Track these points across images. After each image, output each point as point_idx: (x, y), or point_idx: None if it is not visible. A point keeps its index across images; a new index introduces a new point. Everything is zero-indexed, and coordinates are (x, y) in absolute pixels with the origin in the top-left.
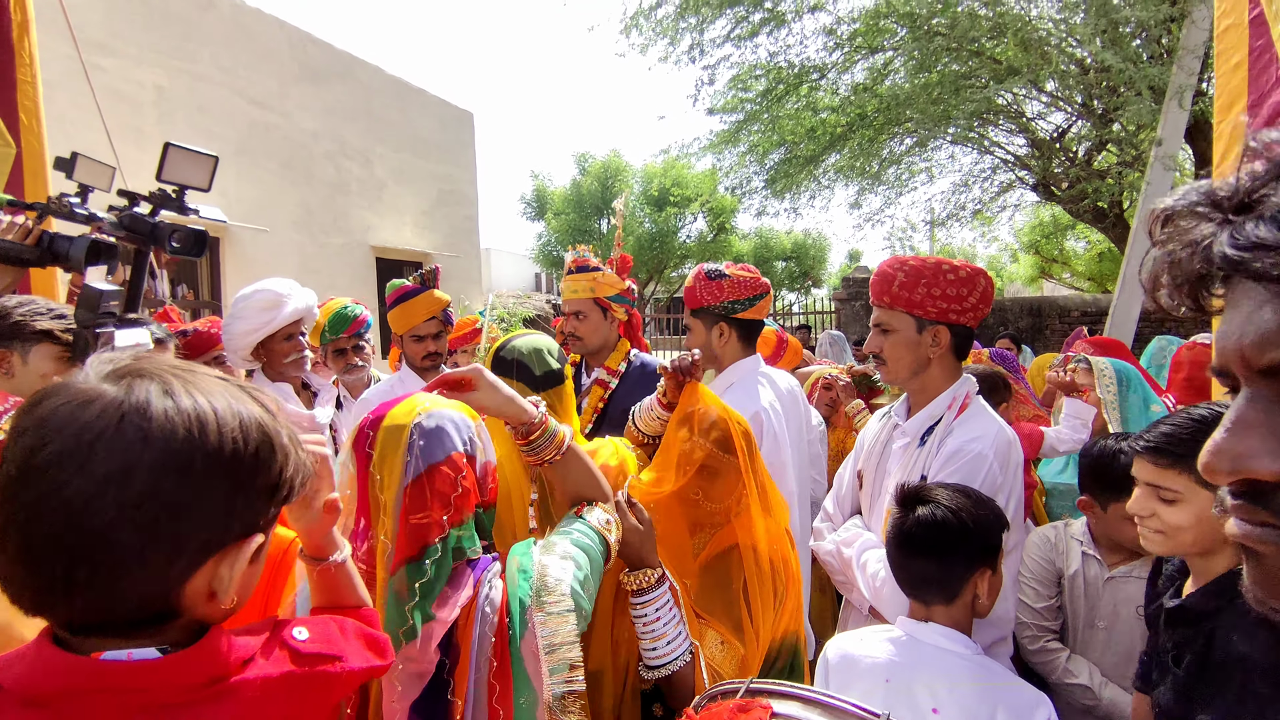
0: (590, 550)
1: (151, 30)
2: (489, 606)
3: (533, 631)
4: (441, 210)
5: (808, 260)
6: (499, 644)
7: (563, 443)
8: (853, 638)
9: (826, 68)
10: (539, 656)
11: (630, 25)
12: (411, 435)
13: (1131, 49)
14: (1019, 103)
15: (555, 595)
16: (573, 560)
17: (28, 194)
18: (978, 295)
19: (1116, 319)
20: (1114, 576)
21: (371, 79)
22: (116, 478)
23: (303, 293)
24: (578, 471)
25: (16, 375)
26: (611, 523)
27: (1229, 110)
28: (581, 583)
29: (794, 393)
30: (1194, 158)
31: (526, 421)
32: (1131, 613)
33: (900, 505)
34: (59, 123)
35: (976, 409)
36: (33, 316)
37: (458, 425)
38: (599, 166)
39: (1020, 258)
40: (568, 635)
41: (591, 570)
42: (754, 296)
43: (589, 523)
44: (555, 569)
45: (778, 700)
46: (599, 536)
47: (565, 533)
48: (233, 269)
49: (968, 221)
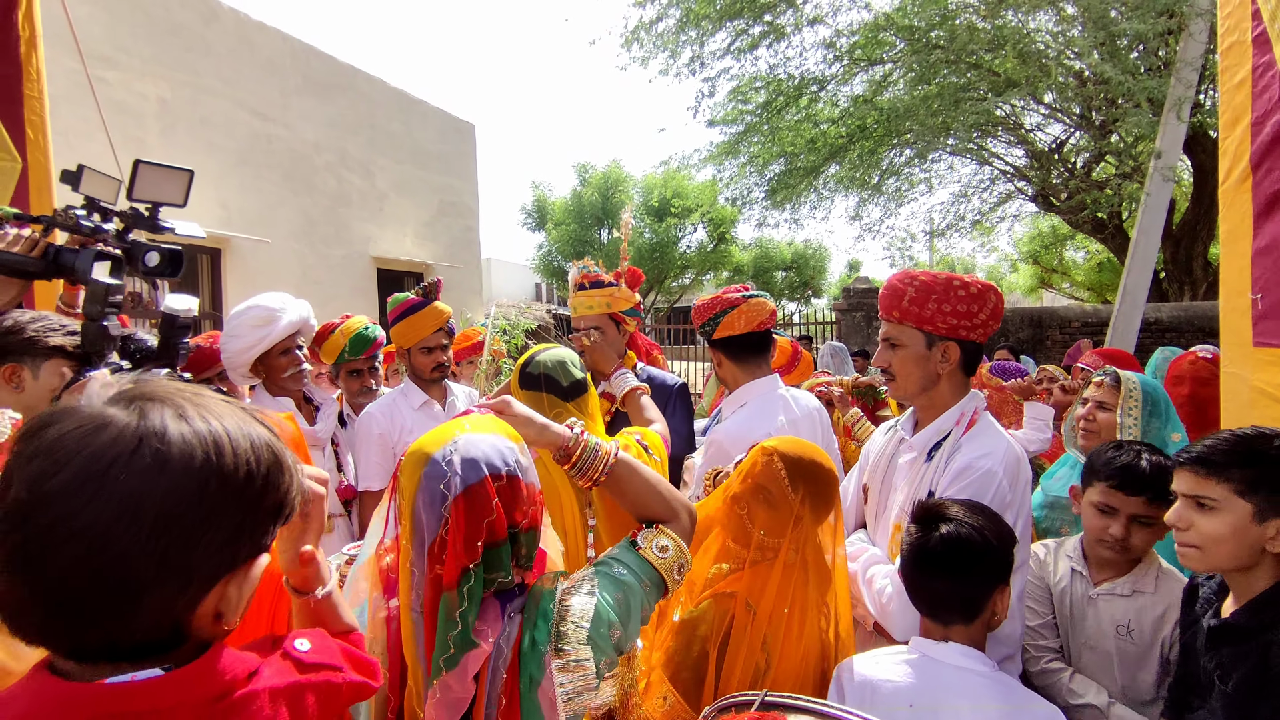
0: (628, 586)
1: (155, 43)
2: (505, 642)
3: (549, 679)
4: (442, 221)
5: (808, 270)
6: (509, 681)
7: (609, 457)
8: (867, 661)
9: (826, 80)
10: (555, 705)
11: (631, 39)
12: (436, 466)
13: (1129, 61)
14: (1017, 114)
15: (573, 644)
16: (599, 598)
17: (33, 208)
18: (988, 312)
19: (1118, 330)
20: (1095, 595)
21: (373, 91)
22: (132, 505)
23: (297, 305)
24: (635, 486)
25: (26, 390)
26: (670, 549)
27: (1233, 127)
28: (610, 622)
29: (813, 415)
30: (1192, 169)
31: (563, 446)
32: (1111, 631)
33: (918, 523)
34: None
35: (985, 425)
36: (46, 333)
37: (487, 452)
38: (599, 177)
39: (1020, 268)
40: (585, 683)
41: (629, 609)
42: (717, 315)
43: (639, 551)
44: (576, 611)
45: (794, 715)
46: (648, 568)
47: (604, 565)
48: (234, 280)
49: (967, 232)
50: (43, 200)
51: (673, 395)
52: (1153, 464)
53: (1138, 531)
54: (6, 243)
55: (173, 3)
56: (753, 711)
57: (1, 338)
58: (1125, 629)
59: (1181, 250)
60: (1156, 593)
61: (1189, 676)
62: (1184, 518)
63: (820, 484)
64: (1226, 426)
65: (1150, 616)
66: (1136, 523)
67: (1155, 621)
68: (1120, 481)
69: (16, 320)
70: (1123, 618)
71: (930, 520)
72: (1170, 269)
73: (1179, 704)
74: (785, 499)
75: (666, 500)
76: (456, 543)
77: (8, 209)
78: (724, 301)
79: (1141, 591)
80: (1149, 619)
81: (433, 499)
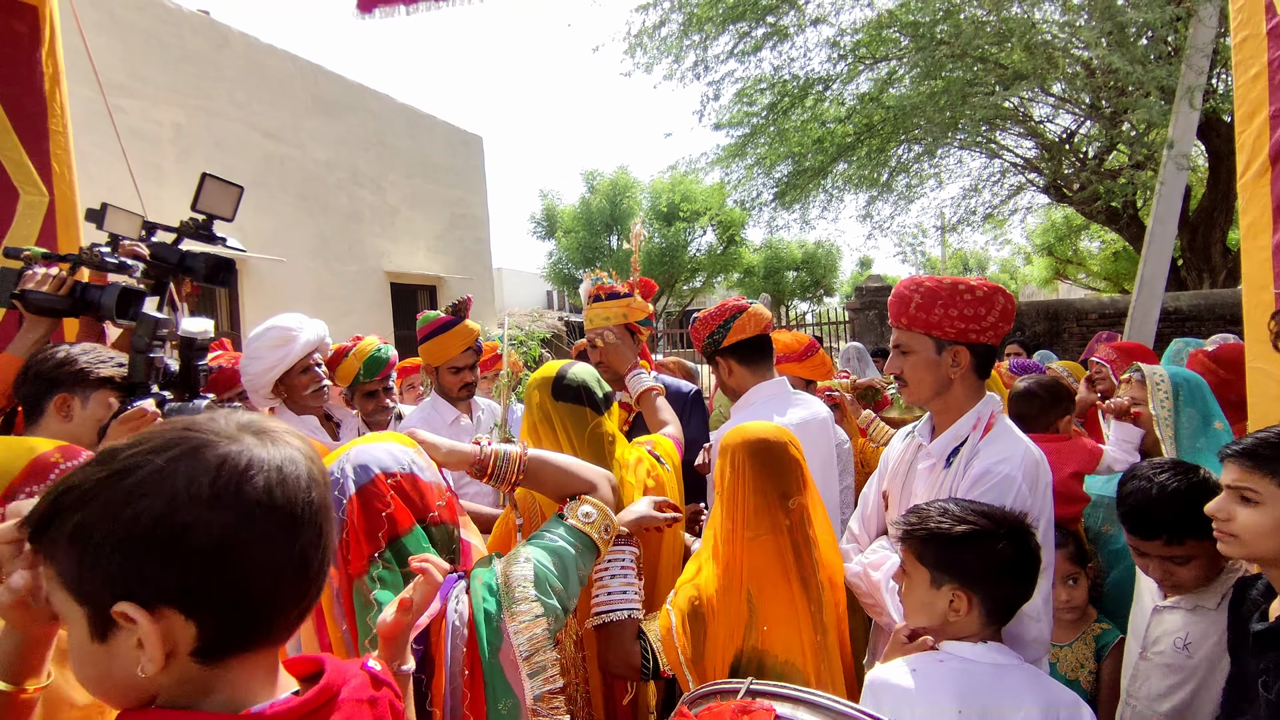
0: (561, 551)
1: (169, 70)
2: (458, 620)
3: (508, 642)
4: (453, 233)
5: (819, 270)
6: (470, 653)
7: (520, 459)
8: (899, 670)
9: (831, 79)
10: (518, 664)
11: (634, 44)
12: (330, 478)
13: (1138, 50)
14: (1026, 106)
15: (524, 604)
16: (535, 563)
17: (60, 241)
18: (996, 314)
19: (1136, 320)
20: (1160, 607)
21: (382, 108)
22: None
23: (313, 324)
24: (551, 475)
25: (75, 419)
26: (594, 514)
27: (1250, 120)
28: (550, 584)
29: (820, 415)
30: (1207, 155)
31: (475, 461)
32: (1169, 645)
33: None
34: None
35: (1002, 429)
36: (97, 364)
37: (378, 455)
38: (607, 184)
39: (1034, 260)
40: (541, 639)
41: (565, 569)
42: (725, 322)
43: (566, 520)
44: (518, 576)
45: (780, 703)
46: (576, 532)
47: (536, 536)
48: (251, 299)
49: (979, 226)
50: (70, 233)
51: (688, 403)
52: (1168, 493)
53: (1176, 570)
54: (35, 282)
55: (184, 30)
56: (738, 700)
57: (55, 369)
58: (1183, 642)
59: (1199, 237)
60: (1219, 610)
61: (1239, 678)
62: (1225, 509)
63: (769, 457)
64: (1254, 422)
65: (1213, 634)
66: (1168, 562)
67: (1218, 641)
68: (1132, 526)
69: (69, 353)
70: (1180, 631)
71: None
72: (1188, 256)
73: (1231, 710)
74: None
75: (583, 476)
76: (358, 536)
77: (36, 249)
78: (731, 308)
79: (1204, 607)
80: (1210, 637)
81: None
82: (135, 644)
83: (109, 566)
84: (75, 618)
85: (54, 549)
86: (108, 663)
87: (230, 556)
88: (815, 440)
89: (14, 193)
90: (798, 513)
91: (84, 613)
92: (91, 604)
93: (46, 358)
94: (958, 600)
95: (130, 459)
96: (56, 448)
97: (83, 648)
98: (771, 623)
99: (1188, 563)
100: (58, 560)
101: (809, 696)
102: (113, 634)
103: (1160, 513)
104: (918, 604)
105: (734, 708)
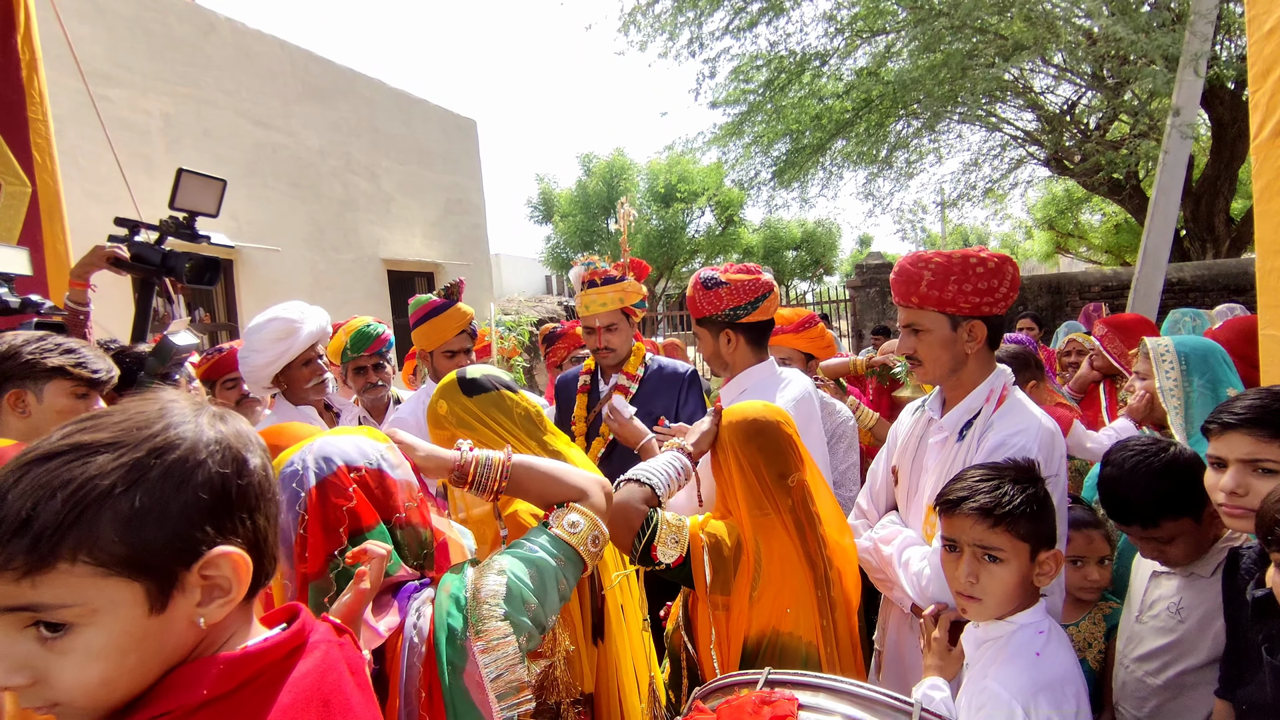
0: (540, 562)
1: (155, 58)
2: (416, 636)
3: (473, 662)
4: (450, 220)
5: (818, 249)
6: (426, 674)
7: (504, 465)
8: (1055, 661)
9: (828, 54)
10: (484, 686)
11: (628, 22)
12: (290, 469)
13: (1140, 17)
14: (1026, 78)
15: (491, 621)
16: (509, 575)
17: (45, 230)
18: (1007, 284)
19: (1139, 292)
20: (1156, 573)
21: (374, 93)
22: None
23: (314, 314)
24: (536, 483)
25: (33, 414)
26: (581, 523)
27: (1264, 79)
28: (524, 599)
29: (809, 395)
30: (1211, 124)
31: (455, 466)
32: (1164, 609)
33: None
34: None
35: (1015, 401)
36: (43, 354)
37: (343, 448)
38: (603, 166)
39: (1035, 234)
40: (511, 659)
41: (544, 583)
42: (756, 299)
43: (550, 529)
44: (489, 589)
45: (802, 691)
46: (560, 543)
47: (516, 545)
48: (247, 290)
49: (979, 200)
50: (54, 224)
51: (684, 383)
52: (1138, 475)
53: (1166, 549)
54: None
55: (170, 17)
56: (758, 690)
57: (0, 364)
58: (1175, 608)
59: (1202, 207)
60: (1212, 578)
61: (1238, 650)
62: (1242, 484)
63: (764, 439)
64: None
65: (1204, 601)
66: (1153, 543)
67: (1210, 609)
68: (1110, 512)
69: (10, 344)
70: (1174, 596)
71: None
72: (1191, 227)
73: (1231, 679)
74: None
75: (572, 483)
76: (315, 531)
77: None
78: (764, 285)
79: (1198, 575)
80: (1202, 604)
81: (290, 500)
82: (197, 599)
83: (179, 527)
84: (120, 603)
85: (88, 543)
86: (159, 633)
87: (265, 498)
88: (805, 417)
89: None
90: (799, 490)
91: (142, 587)
92: (158, 573)
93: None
94: (1048, 561)
95: (162, 434)
96: (11, 445)
97: (129, 634)
98: (781, 601)
99: (1171, 542)
100: (97, 551)
101: (830, 683)
102: (176, 595)
103: (1132, 496)
104: (1015, 584)
105: (755, 699)
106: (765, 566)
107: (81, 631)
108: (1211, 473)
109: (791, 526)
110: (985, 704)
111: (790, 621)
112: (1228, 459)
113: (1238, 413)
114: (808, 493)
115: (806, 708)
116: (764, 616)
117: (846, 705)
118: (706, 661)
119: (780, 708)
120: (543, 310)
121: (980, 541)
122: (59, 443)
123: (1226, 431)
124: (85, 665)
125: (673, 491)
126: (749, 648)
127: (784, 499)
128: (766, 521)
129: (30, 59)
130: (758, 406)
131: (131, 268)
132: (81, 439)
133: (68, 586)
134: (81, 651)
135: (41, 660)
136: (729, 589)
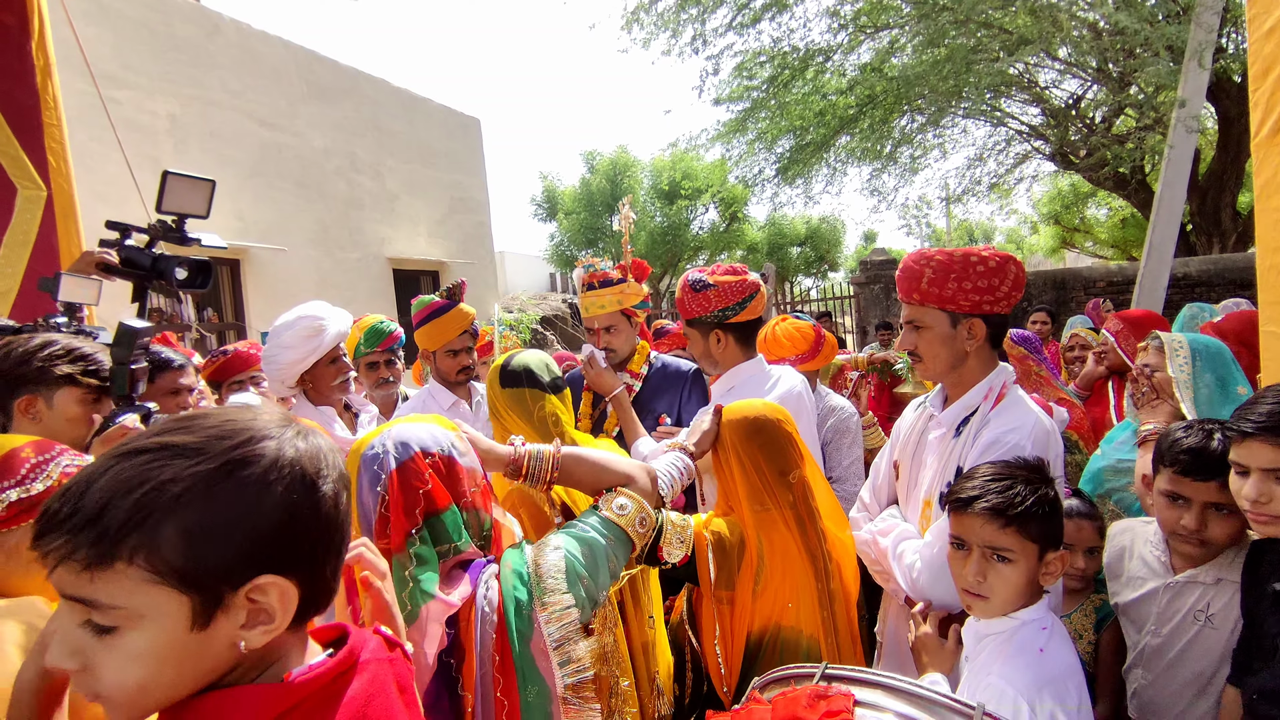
0: (592, 541)
1: (161, 60)
2: (487, 606)
3: (539, 631)
4: (454, 218)
5: (823, 245)
6: (499, 640)
7: (554, 457)
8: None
9: (832, 50)
10: (548, 653)
11: (631, 20)
12: (371, 453)
13: (1146, 9)
14: (1031, 72)
15: (554, 594)
16: (565, 553)
17: (61, 233)
18: (1009, 283)
19: (1145, 287)
20: (1176, 583)
21: (378, 92)
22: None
23: (338, 314)
24: (586, 472)
25: (44, 420)
26: (629, 506)
27: (1264, 78)
28: (578, 574)
29: (797, 392)
30: (1217, 117)
31: (510, 461)
32: (1190, 618)
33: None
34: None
35: (1013, 399)
36: (53, 361)
37: (419, 435)
38: (607, 163)
39: (1040, 229)
40: (571, 629)
41: (595, 561)
42: (744, 299)
43: (600, 512)
44: (548, 565)
45: (859, 688)
46: (610, 524)
47: (570, 526)
48: (254, 290)
49: (984, 195)
50: (69, 227)
51: (688, 381)
52: (1226, 443)
53: (1215, 522)
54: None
55: (175, 18)
56: (814, 684)
57: (13, 369)
58: (1204, 613)
59: (1209, 201)
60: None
61: (1253, 641)
62: (1265, 491)
63: (764, 438)
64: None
65: (1236, 604)
66: (1212, 510)
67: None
68: (1187, 466)
69: (25, 349)
70: (1200, 602)
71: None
72: (1197, 221)
73: (1242, 667)
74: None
75: (619, 470)
76: (397, 511)
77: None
78: (751, 285)
79: (1227, 580)
80: (1235, 606)
81: (372, 481)
82: (241, 621)
83: (237, 548)
84: (165, 613)
85: (146, 547)
86: (197, 650)
87: (330, 527)
88: (793, 413)
89: (11, 189)
90: (799, 486)
91: (189, 601)
92: (206, 589)
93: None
94: (1055, 561)
95: (242, 447)
96: (29, 442)
97: (169, 645)
98: (783, 595)
99: (1230, 513)
100: (154, 557)
101: (888, 681)
102: (220, 615)
103: (1227, 452)
104: (1022, 584)
105: (810, 693)
106: (767, 561)
107: (125, 634)
108: (1235, 478)
109: (792, 521)
110: (990, 699)
111: (792, 616)
112: (1250, 467)
113: (1256, 420)
114: (808, 488)
115: (863, 704)
116: (767, 611)
117: (904, 704)
118: (710, 656)
119: (836, 703)
120: (547, 308)
121: (990, 542)
122: (152, 439)
123: (1246, 439)
124: (125, 668)
125: (676, 492)
126: (752, 642)
127: (785, 495)
128: (768, 517)
129: (45, 64)
130: (758, 405)
131: (119, 273)
132: (171, 439)
133: (120, 588)
134: (123, 654)
135: (92, 651)
136: (733, 583)
